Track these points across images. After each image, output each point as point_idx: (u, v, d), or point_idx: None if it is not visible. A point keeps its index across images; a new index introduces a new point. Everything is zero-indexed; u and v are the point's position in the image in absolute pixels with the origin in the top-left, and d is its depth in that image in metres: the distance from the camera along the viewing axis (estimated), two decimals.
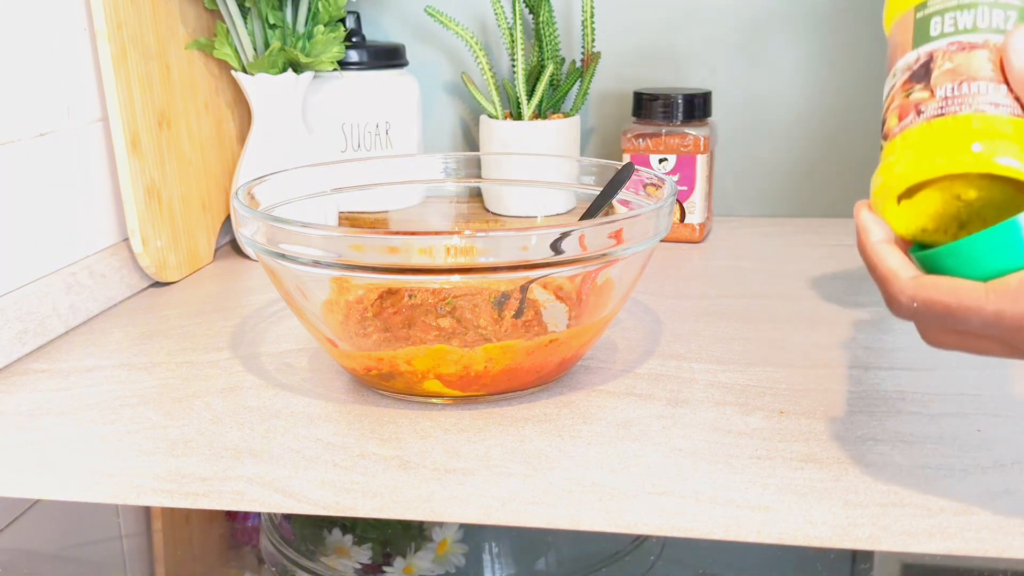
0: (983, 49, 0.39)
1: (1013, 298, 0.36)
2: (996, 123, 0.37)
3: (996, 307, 0.36)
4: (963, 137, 0.37)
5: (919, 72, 0.40)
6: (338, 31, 0.83)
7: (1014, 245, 0.36)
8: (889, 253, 0.40)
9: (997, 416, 0.52)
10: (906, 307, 0.39)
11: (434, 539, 0.43)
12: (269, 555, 0.42)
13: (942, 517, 0.42)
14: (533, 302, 0.60)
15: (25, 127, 0.65)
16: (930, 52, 0.40)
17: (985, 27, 0.39)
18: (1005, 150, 0.37)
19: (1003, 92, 0.38)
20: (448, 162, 0.73)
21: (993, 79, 0.38)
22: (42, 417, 0.54)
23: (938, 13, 0.40)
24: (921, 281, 0.38)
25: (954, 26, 0.40)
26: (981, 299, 0.36)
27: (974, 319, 0.37)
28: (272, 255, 0.52)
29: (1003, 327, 0.36)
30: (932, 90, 0.39)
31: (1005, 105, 0.38)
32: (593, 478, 0.47)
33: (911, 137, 0.39)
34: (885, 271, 0.40)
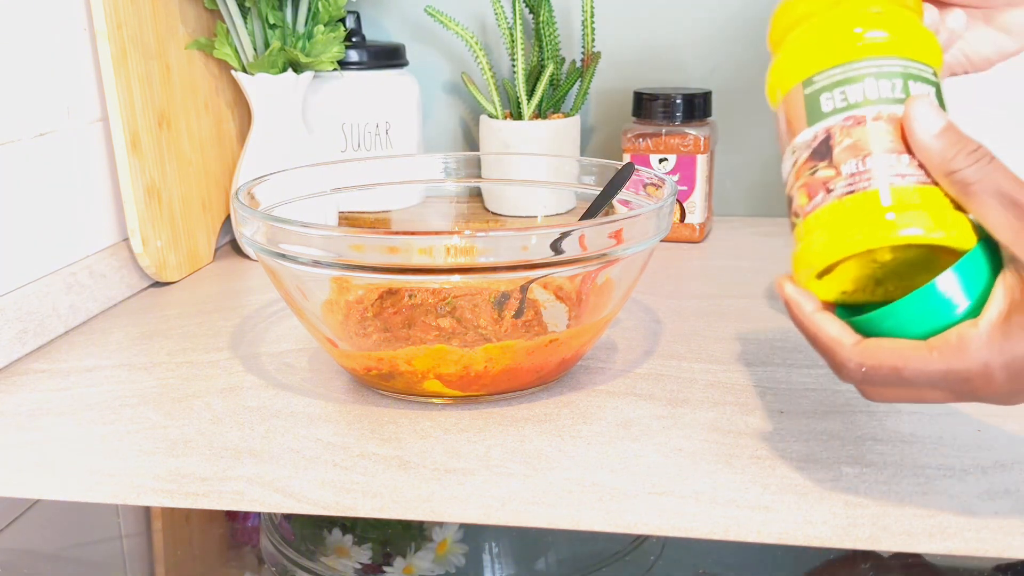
0: (879, 121, 0.40)
1: (955, 353, 0.38)
2: (904, 194, 0.39)
3: (942, 364, 0.38)
4: (875, 213, 0.39)
5: (820, 149, 0.41)
6: (338, 31, 0.83)
7: (944, 302, 0.38)
8: (827, 322, 0.41)
9: (997, 416, 0.52)
10: (854, 372, 0.40)
11: (434, 539, 0.43)
12: (269, 555, 0.42)
13: (942, 517, 0.42)
14: (533, 302, 0.60)
15: (25, 127, 0.65)
16: (827, 129, 0.41)
17: (875, 98, 0.40)
18: (916, 220, 0.38)
19: (905, 162, 0.39)
20: (448, 162, 0.73)
21: (894, 150, 0.39)
22: (42, 417, 0.54)
23: (826, 89, 0.41)
24: (866, 347, 0.40)
25: (845, 101, 0.40)
26: (926, 358, 0.38)
27: (922, 377, 0.38)
28: (272, 255, 0.52)
29: (949, 381, 0.38)
30: (837, 167, 0.40)
31: (910, 175, 0.39)
32: (593, 478, 0.47)
33: (824, 216, 0.40)
34: (827, 340, 0.41)
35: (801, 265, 0.41)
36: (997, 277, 0.38)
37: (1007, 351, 0.37)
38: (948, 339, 0.38)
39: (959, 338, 0.38)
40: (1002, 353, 0.37)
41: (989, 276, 0.38)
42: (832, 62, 0.41)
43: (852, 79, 0.40)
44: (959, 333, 0.38)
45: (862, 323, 0.40)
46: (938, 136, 0.39)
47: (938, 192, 0.39)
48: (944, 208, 0.39)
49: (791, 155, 0.42)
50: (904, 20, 0.42)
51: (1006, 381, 0.38)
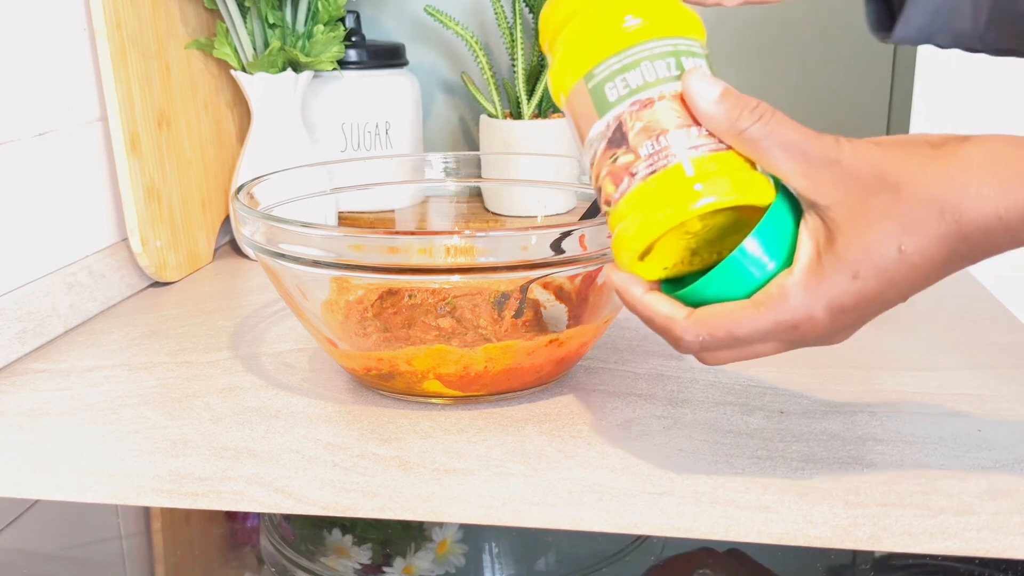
0: (664, 100, 0.41)
1: (779, 304, 0.40)
2: (702, 164, 0.41)
3: (770, 316, 0.40)
4: (679, 187, 0.40)
5: (615, 137, 0.42)
6: (338, 30, 0.83)
7: (758, 259, 0.40)
8: (658, 302, 0.43)
9: (997, 416, 0.52)
10: (693, 343, 0.42)
11: (434, 539, 0.43)
12: (269, 555, 0.42)
13: (943, 517, 0.42)
14: (533, 302, 0.60)
15: (25, 127, 0.65)
16: (617, 117, 0.42)
17: (654, 80, 0.42)
18: (718, 187, 0.40)
19: (695, 133, 0.41)
20: (448, 162, 0.73)
21: (683, 124, 0.41)
22: (42, 417, 0.54)
23: (608, 79, 0.42)
24: (697, 317, 0.41)
25: (627, 87, 0.42)
26: (754, 315, 0.40)
27: (754, 333, 0.41)
28: (272, 255, 0.52)
29: (779, 331, 0.40)
30: (635, 151, 0.41)
31: (703, 145, 0.41)
32: (593, 478, 0.46)
33: (632, 199, 0.42)
34: (662, 319, 0.42)
35: (622, 250, 0.43)
36: (800, 225, 0.40)
37: (824, 291, 0.39)
38: (770, 292, 0.40)
39: (779, 289, 0.40)
40: (820, 294, 0.39)
41: (794, 226, 0.41)
42: (607, 53, 0.43)
43: (629, 66, 0.42)
44: (779, 284, 0.40)
45: (688, 295, 0.42)
46: (718, 102, 0.40)
47: (732, 155, 0.41)
48: (741, 169, 0.41)
49: (589, 149, 0.44)
50: (663, 1, 0.44)
51: (829, 320, 0.40)
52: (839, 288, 0.39)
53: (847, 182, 0.38)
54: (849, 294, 0.39)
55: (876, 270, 0.38)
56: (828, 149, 0.39)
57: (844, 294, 0.39)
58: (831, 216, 0.39)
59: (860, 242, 0.38)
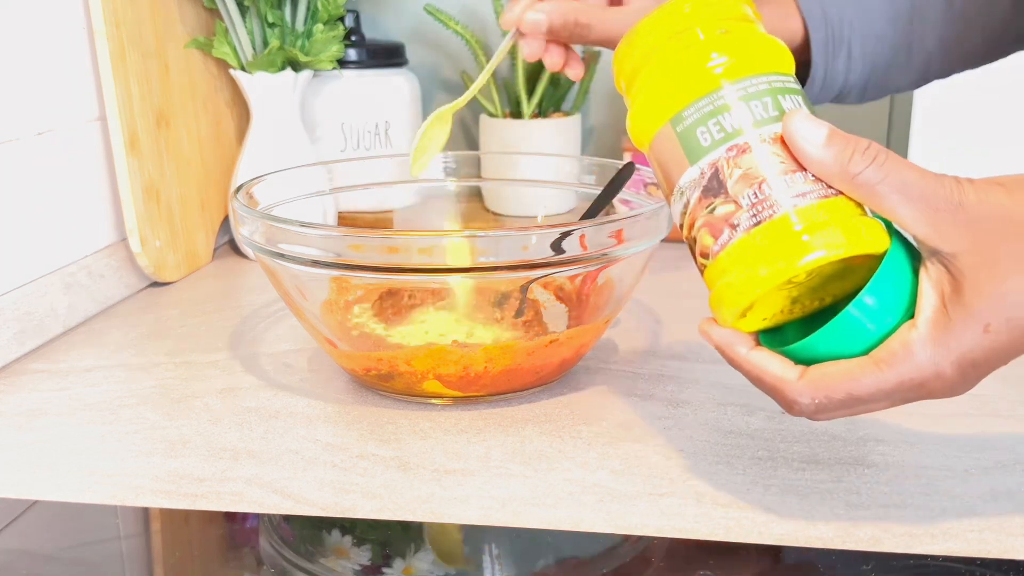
0: (763, 144, 0.39)
1: (904, 361, 0.37)
2: (811, 213, 0.38)
3: (894, 376, 0.37)
4: (787, 240, 0.38)
5: (711, 186, 0.39)
6: (337, 30, 0.83)
7: (876, 312, 0.37)
8: (767, 361, 0.40)
9: (999, 417, 0.52)
10: (808, 406, 0.39)
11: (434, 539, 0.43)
12: (268, 556, 0.42)
13: (944, 518, 0.42)
14: (533, 302, 0.60)
15: (24, 126, 0.65)
16: (712, 163, 0.39)
17: (752, 123, 0.39)
18: (830, 238, 0.37)
19: (800, 179, 0.38)
20: (448, 161, 0.72)
21: (787, 170, 0.38)
22: (41, 417, 0.54)
23: (699, 123, 0.40)
24: (812, 378, 0.39)
25: (722, 131, 0.39)
26: (877, 374, 0.37)
27: (876, 393, 0.38)
28: (271, 255, 0.52)
29: (904, 389, 0.37)
30: (736, 201, 0.39)
31: (810, 192, 0.38)
32: (594, 479, 0.46)
33: (735, 253, 0.39)
34: (772, 380, 0.40)
35: (725, 306, 0.40)
36: (920, 273, 0.38)
37: (952, 346, 0.36)
38: (893, 349, 0.37)
39: (903, 345, 0.37)
40: (948, 349, 0.36)
41: (912, 275, 0.38)
42: (695, 95, 0.40)
43: (722, 108, 0.39)
44: (901, 340, 0.37)
45: (797, 352, 0.39)
46: (826, 145, 0.38)
47: (842, 201, 0.38)
48: (852, 216, 0.38)
49: (680, 197, 0.41)
50: (750, 34, 0.41)
51: (958, 376, 0.37)
52: (969, 342, 0.36)
53: (972, 228, 0.36)
54: (980, 348, 0.36)
55: (1009, 322, 0.36)
56: (951, 192, 0.36)
57: (975, 349, 0.36)
58: (957, 265, 0.36)
59: (990, 292, 0.36)
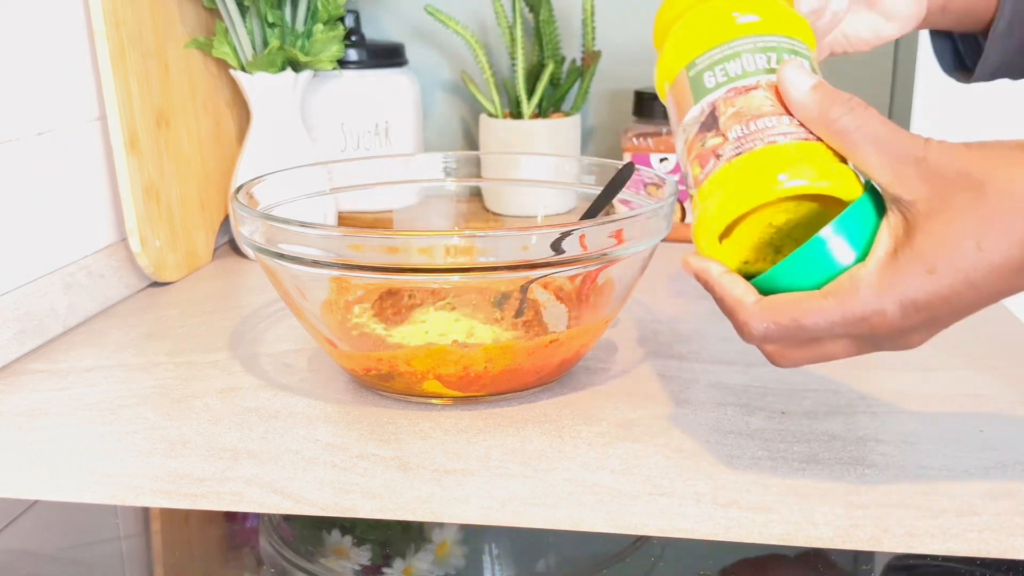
0: (758, 89, 0.42)
1: (849, 296, 0.39)
2: (789, 150, 0.41)
3: (838, 308, 0.39)
4: (764, 168, 0.41)
5: (708, 122, 0.43)
6: (337, 30, 0.83)
7: (835, 249, 0.40)
8: (733, 282, 0.42)
9: (999, 416, 0.52)
10: (757, 330, 0.41)
11: (434, 540, 0.43)
12: (268, 556, 0.42)
13: (944, 518, 0.42)
14: (533, 302, 0.60)
15: (24, 126, 0.65)
16: (712, 102, 0.43)
17: (753, 70, 0.43)
18: (802, 172, 0.40)
19: (786, 122, 0.41)
20: (448, 162, 0.72)
21: (775, 112, 0.42)
22: (40, 417, 0.54)
23: (708, 68, 0.44)
24: (765, 303, 0.41)
25: (726, 75, 0.43)
26: (823, 304, 0.39)
27: (822, 323, 0.39)
28: (271, 255, 0.52)
29: (847, 325, 0.39)
30: (724, 134, 0.42)
31: (792, 133, 0.41)
32: (594, 479, 0.46)
33: (717, 180, 0.42)
34: (731, 301, 0.42)
35: (702, 230, 0.43)
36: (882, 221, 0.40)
37: (898, 287, 0.38)
38: (841, 283, 0.39)
39: (851, 280, 0.39)
40: (893, 288, 0.38)
41: (876, 223, 0.40)
42: (711, 44, 0.44)
43: (731, 56, 0.43)
44: (851, 275, 0.39)
45: (762, 282, 0.42)
46: (811, 92, 0.41)
47: (821, 147, 0.41)
48: (828, 160, 0.41)
49: (683, 134, 0.45)
50: (775, 4, 0.45)
51: (900, 317, 0.38)
52: (913, 283, 0.38)
53: (931, 178, 0.38)
54: (922, 289, 0.38)
55: (952, 266, 0.37)
56: (916, 146, 0.38)
57: (917, 289, 0.38)
58: (912, 212, 0.38)
59: (937, 237, 0.37)
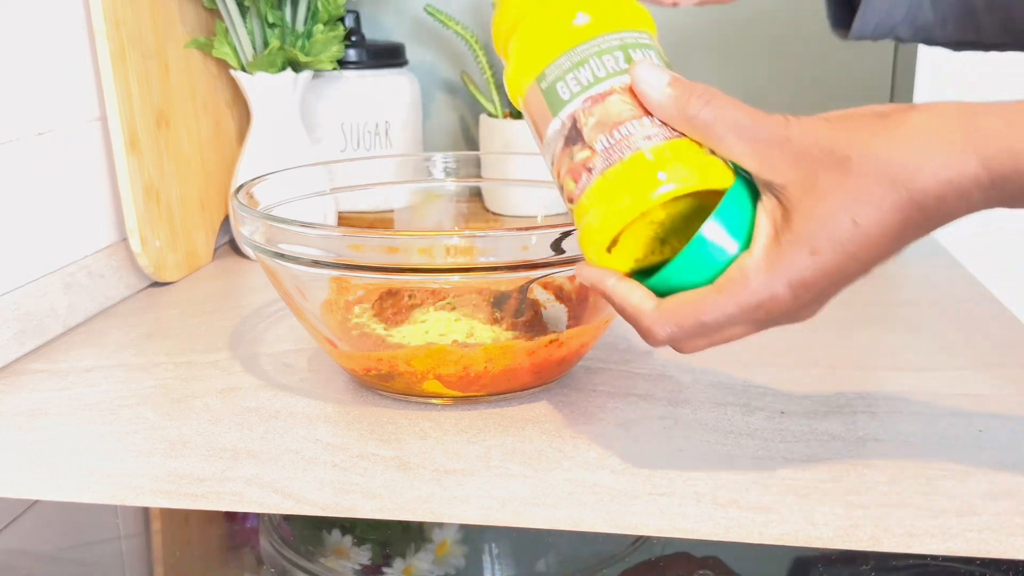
0: (613, 94, 0.42)
1: (741, 286, 0.40)
2: (657, 153, 0.41)
3: (732, 300, 0.40)
4: (639, 176, 0.41)
5: (571, 135, 0.43)
6: (337, 30, 0.83)
7: (718, 243, 0.40)
8: (628, 290, 0.43)
9: (998, 417, 0.52)
10: (661, 334, 0.42)
11: (434, 540, 0.43)
12: (268, 556, 0.42)
13: (944, 518, 0.42)
14: (533, 302, 0.60)
15: (24, 126, 0.65)
16: (571, 114, 0.43)
17: (603, 75, 0.42)
18: (674, 174, 0.40)
19: (647, 124, 0.41)
20: (448, 162, 0.72)
21: (635, 116, 0.42)
22: (40, 417, 0.54)
23: (559, 79, 0.43)
24: (664, 308, 0.41)
25: (579, 84, 0.43)
26: (718, 300, 0.40)
27: (721, 317, 0.40)
28: (271, 255, 0.52)
29: (745, 313, 0.40)
30: (591, 147, 0.42)
31: (657, 134, 0.41)
32: (593, 479, 0.46)
33: (593, 194, 0.42)
34: (632, 309, 0.42)
35: (588, 245, 0.43)
36: (758, 206, 0.40)
37: (784, 268, 0.39)
38: (731, 276, 0.40)
39: (740, 271, 0.40)
40: (780, 272, 0.39)
41: (752, 208, 0.41)
42: (556, 53, 0.43)
43: (578, 63, 0.43)
44: (739, 266, 0.40)
45: (655, 285, 0.42)
46: (667, 90, 0.41)
47: (686, 143, 0.41)
48: (697, 155, 0.41)
49: (548, 148, 0.44)
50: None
51: (792, 298, 0.39)
52: (798, 265, 0.39)
53: (798, 159, 0.38)
54: (809, 270, 0.39)
55: (832, 244, 0.38)
56: (777, 128, 0.39)
57: (804, 270, 0.39)
58: (786, 195, 0.39)
59: (815, 217, 0.38)
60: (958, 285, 0.74)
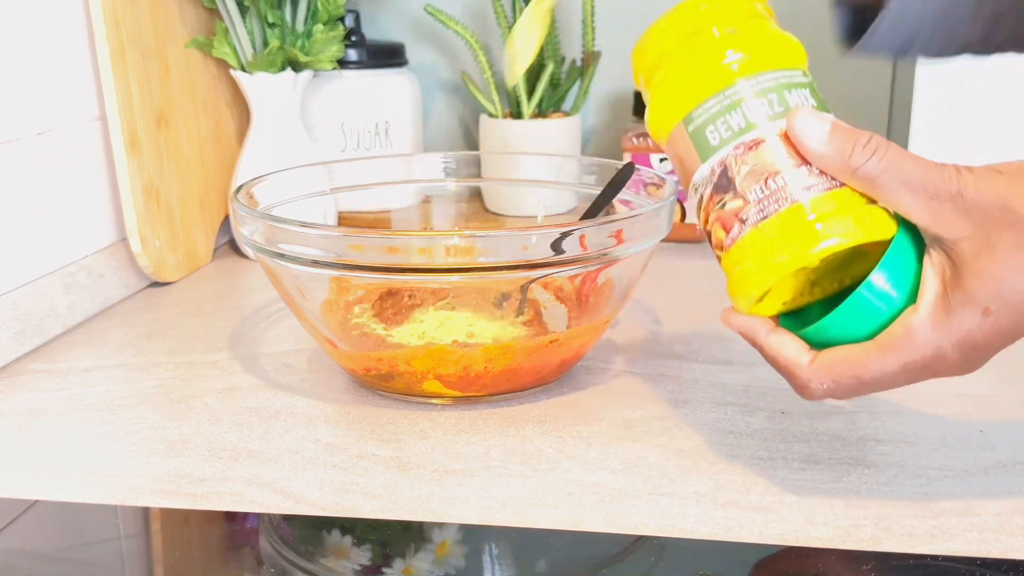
0: (768, 141, 0.40)
1: (906, 345, 0.39)
2: (816, 205, 0.39)
3: (896, 360, 0.39)
4: (797, 229, 0.39)
5: (721, 183, 0.41)
6: (337, 30, 0.83)
7: (881, 297, 0.39)
8: (783, 345, 0.42)
9: (999, 417, 0.52)
10: (818, 391, 0.41)
11: (434, 540, 0.43)
12: (268, 556, 0.42)
13: (944, 518, 0.42)
14: (533, 302, 0.60)
15: (24, 126, 0.65)
16: (721, 161, 0.41)
17: (757, 120, 0.40)
18: (835, 228, 0.39)
19: (805, 173, 0.40)
20: (448, 162, 0.72)
21: (793, 165, 0.40)
22: (40, 417, 0.54)
23: (708, 123, 0.41)
24: (821, 364, 0.40)
25: (729, 130, 0.41)
26: (881, 359, 0.39)
27: (881, 377, 0.39)
28: (271, 255, 0.52)
29: (908, 372, 0.39)
30: (744, 196, 0.40)
31: (815, 184, 0.39)
32: (593, 479, 0.46)
33: (746, 246, 0.41)
34: (786, 363, 0.42)
35: (738, 295, 0.42)
36: (923, 259, 0.39)
37: (953, 329, 0.38)
38: (895, 334, 0.39)
39: (905, 329, 0.39)
40: (949, 332, 0.38)
41: (916, 260, 0.39)
42: (705, 95, 0.41)
43: (729, 107, 0.41)
44: (904, 324, 0.39)
45: (811, 334, 0.41)
46: (828, 141, 0.39)
47: (847, 192, 0.39)
48: (858, 206, 0.39)
49: (695, 193, 0.43)
50: (760, 32, 0.42)
51: (960, 358, 0.38)
52: (969, 325, 0.38)
53: (972, 214, 0.37)
54: (981, 331, 0.38)
55: (1008, 305, 0.37)
56: (950, 181, 0.37)
57: (975, 331, 0.38)
58: (957, 251, 0.37)
59: (989, 277, 0.37)
60: None
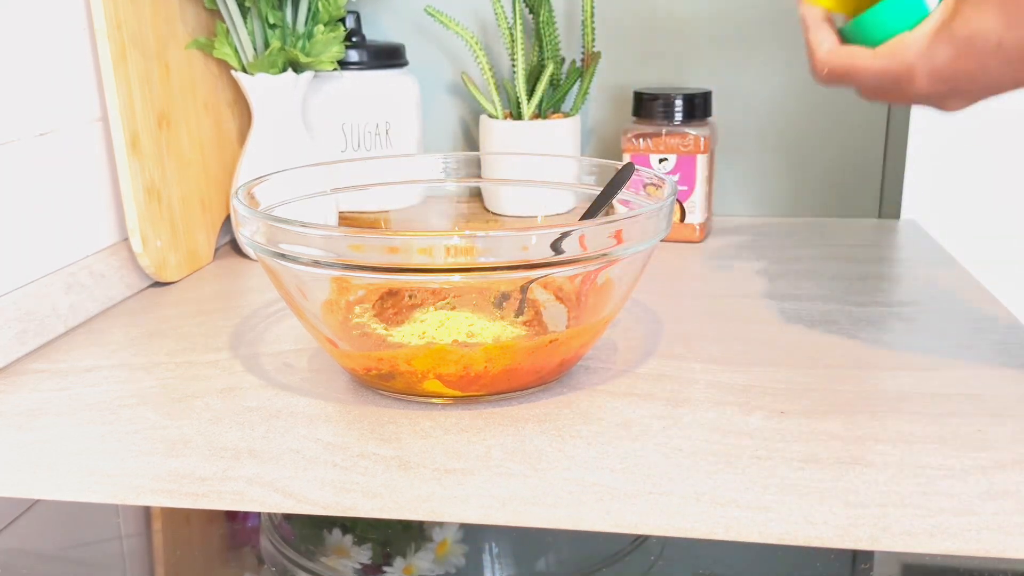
0: None
1: (891, 55, 0.47)
2: None
3: (879, 64, 0.48)
4: None
5: None
6: (338, 31, 0.83)
7: (900, 15, 0.47)
8: (818, 29, 0.51)
9: (998, 416, 0.52)
10: (820, 74, 0.51)
11: (434, 539, 0.43)
12: (269, 556, 0.42)
13: (943, 517, 0.42)
14: (533, 302, 0.60)
15: (25, 126, 0.65)
16: None
17: None
18: None
19: None
20: (448, 162, 0.73)
21: None
22: (41, 417, 0.54)
23: None
24: (830, 51, 0.50)
25: None
26: (869, 60, 0.48)
27: (865, 75, 0.48)
28: (272, 255, 0.52)
29: (882, 78, 0.48)
30: None
31: None
32: (593, 478, 0.46)
33: None
34: (811, 44, 0.51)
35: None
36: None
37: (930, 57, 0.46)
38: (890, 44, 0.47)
39: (898, 42, 0.47)
40: (925, 58, 0.46)
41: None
42: None
43: None
44: (900, 39, 0.47)
45: (844, 32, 0.50)
46: None
47: None
48: None
49: None
50: None
51: (928, 84, 0.46)
52: (943, 57, 0.45)
53: None
54: (948, 67, 0.45)
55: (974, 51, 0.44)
56: None
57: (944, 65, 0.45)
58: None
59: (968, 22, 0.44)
60: (958, 285, 0.75)
